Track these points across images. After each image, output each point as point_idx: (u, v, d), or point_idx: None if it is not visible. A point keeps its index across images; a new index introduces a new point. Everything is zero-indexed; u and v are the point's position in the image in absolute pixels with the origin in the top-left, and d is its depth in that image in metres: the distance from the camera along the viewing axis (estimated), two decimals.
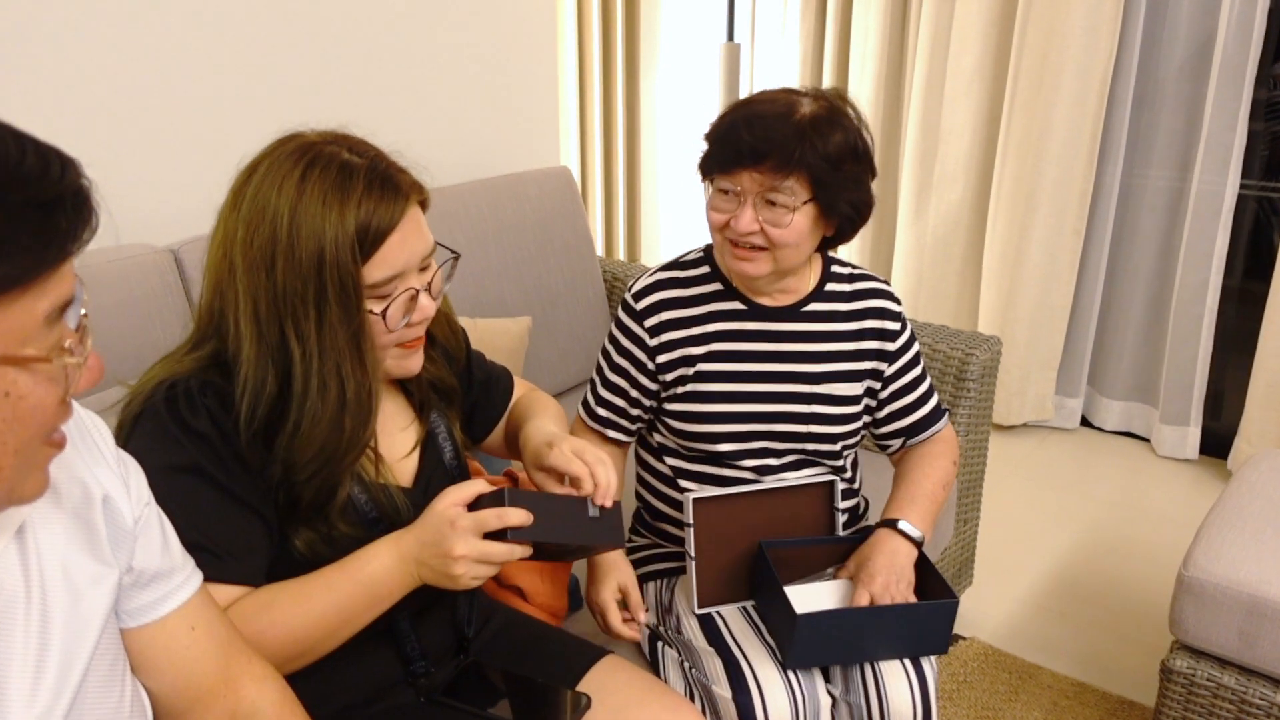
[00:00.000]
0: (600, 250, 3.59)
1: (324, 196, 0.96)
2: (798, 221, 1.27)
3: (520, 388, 1.37)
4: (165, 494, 0.95)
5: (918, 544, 1.35)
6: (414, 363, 1.09)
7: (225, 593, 0.98)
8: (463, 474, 1.21)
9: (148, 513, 0.82)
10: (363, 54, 2.07)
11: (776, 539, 1.36)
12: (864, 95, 3.15)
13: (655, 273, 1.45)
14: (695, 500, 1.33)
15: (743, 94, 3.18)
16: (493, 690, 1.18)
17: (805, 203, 1.27)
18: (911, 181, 3.12)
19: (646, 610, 1.46)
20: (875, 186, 1.35)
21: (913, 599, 1.31)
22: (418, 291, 1.04)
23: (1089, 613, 2.26)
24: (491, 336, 1.96)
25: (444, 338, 1.21)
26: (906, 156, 3.11)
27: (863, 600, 1.28)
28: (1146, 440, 3.09)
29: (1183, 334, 2.89)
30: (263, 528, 1.02)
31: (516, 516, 0.97)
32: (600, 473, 1.08)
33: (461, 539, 0.96)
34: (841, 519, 1.43)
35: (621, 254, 3.64)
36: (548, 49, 2.48)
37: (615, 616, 1.30)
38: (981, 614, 2.24)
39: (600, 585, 1.33)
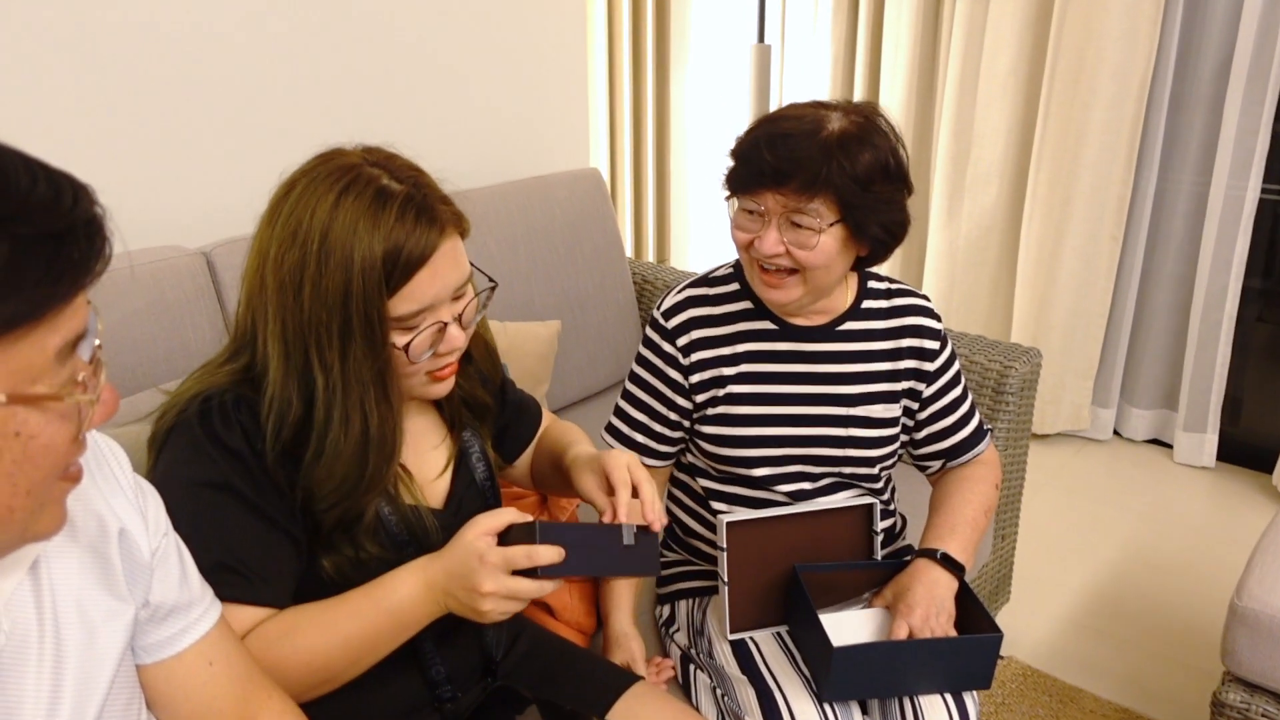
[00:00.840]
0: (629, 252, 3.56)
1: (356, 223, 0.92)
2: (825, 244, 1.20)
3: (546, 417, 1.35)
4: (195, 510, 0.93)
5: (959, 574, 1.30)
6: (441, 389, 1.05)
7: (250, 615, 0.95)
8: (495, 494, 1.18)
9: (165, 544, 0.79)
10: (391, 56, 2.04)
11: (811, 563, 1.32)
12: (895, 97, 3.10)
13: (684, 289, 1.40)
14: (729, 524, 1.29)
15: (773, 96, 3.15)
16: (520, 715, 1.15)
17: (833, 224, 1.20)
18: (944, 185, 3.06)
19: (678, 629, 1.42)
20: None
21: (953, 632, 1.27)
22: (446, 324, 1.00)
23: (1130, 632, 2.21)
24: (521, 341, 1.93)
25: (480, 359, 1.17)
26: (939, 159, 3.05)
27: (901, 633, 1.24)
28: (1170, 447, 3.03)
29: (1203, 339, 2.85)
30: (292, 548, 0.99)
31: (547, 555, 0.93)
32: (646, 492, 1.05)
33: (490, 575, 0.92)
34: (879, 540, 1.38)
35: (650, 255, 3.60)
36: (577, 49, 2.44)
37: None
38: (1020, 631, 2.18)
39: (609, 655, 1.32)
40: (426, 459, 1.12)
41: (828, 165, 1.16)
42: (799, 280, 1.25)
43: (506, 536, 0.96)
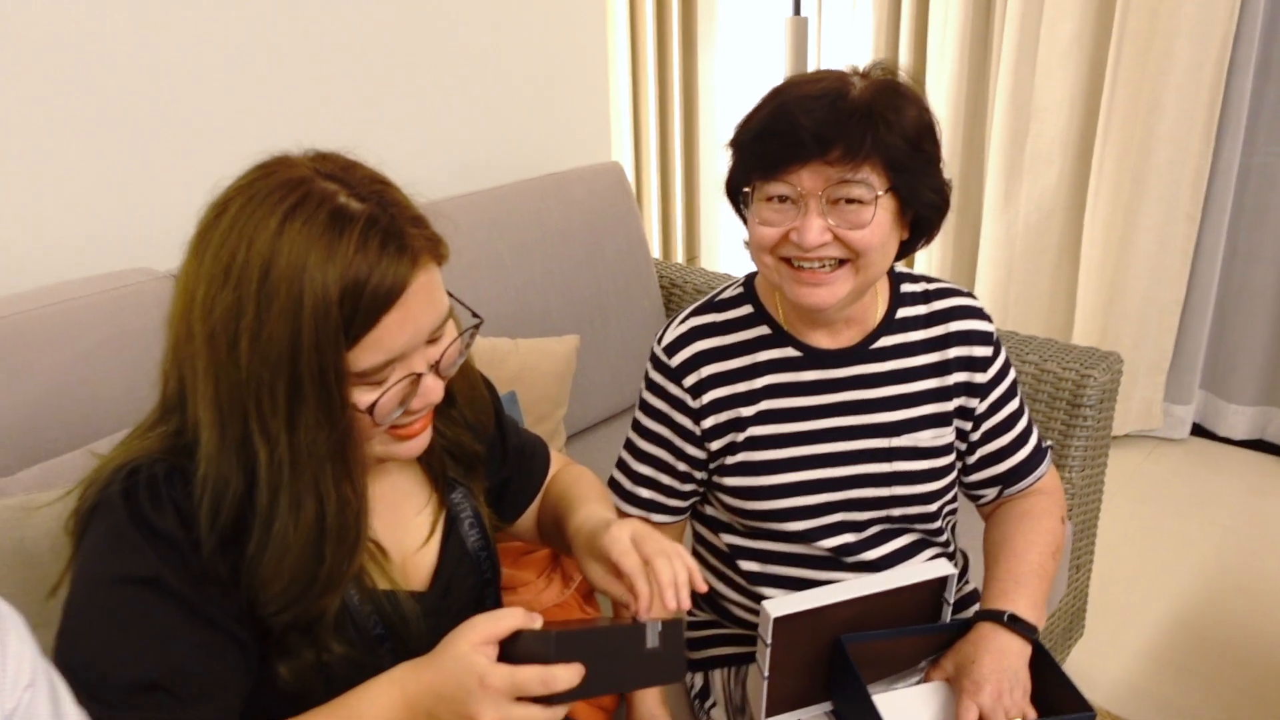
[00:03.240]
0: (656, 253, 3.34)
1: (305, 255, 0.73)
2: (880, 219, 1.02)
3: (555, 461, 1.15)
4: (117, 613, 0.76)
5: (1031, 637, 1.10)
6: (410, 448, 0.86)
7: None
8: (493, 568, 0.99)
9: (29, 698, 0.61)
10: (383, 40, 1.84)
11: (860, 631, 1.12)
12: (945, 70, 2.85)
13: (687, 318, 1.20)
14: (777, 620, 1.05)
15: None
16: None
17: (884, 194, 1.02)
18: (1000, 165, 2.81)
19: (714, 704, 1.23)
20: (959, 171, 1.13)
21: (1031, 712, 1.06)
22: (420, 375, 0.81)
23: (1220, 669, 1.97)
24: (536, 360, 1.74)
25: (466, 401, 0.97)
26: (994, 137, 2.80)
27: (970, 716, 1.04)
28: (1278, 451, 2.75)
29: None
30: (239, 654, 0.81)
31: (566, 678, 0.74)
32: (660, 567, 0.85)
33: (491, 703, 0.73)
34: (948, 609, 1.17)
35: (679, 256, 3.39)
36: (596, 32, 2.23)
37: None
38: (1095, 670, 1.96)
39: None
40: (407, 529, 0.93)
41: (874, 126, 0.99)
42: (849, 272, 1.05)
43: (512, 646, 0.77)
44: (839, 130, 0.99)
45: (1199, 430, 2.88)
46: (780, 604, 1.05)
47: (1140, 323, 2.71)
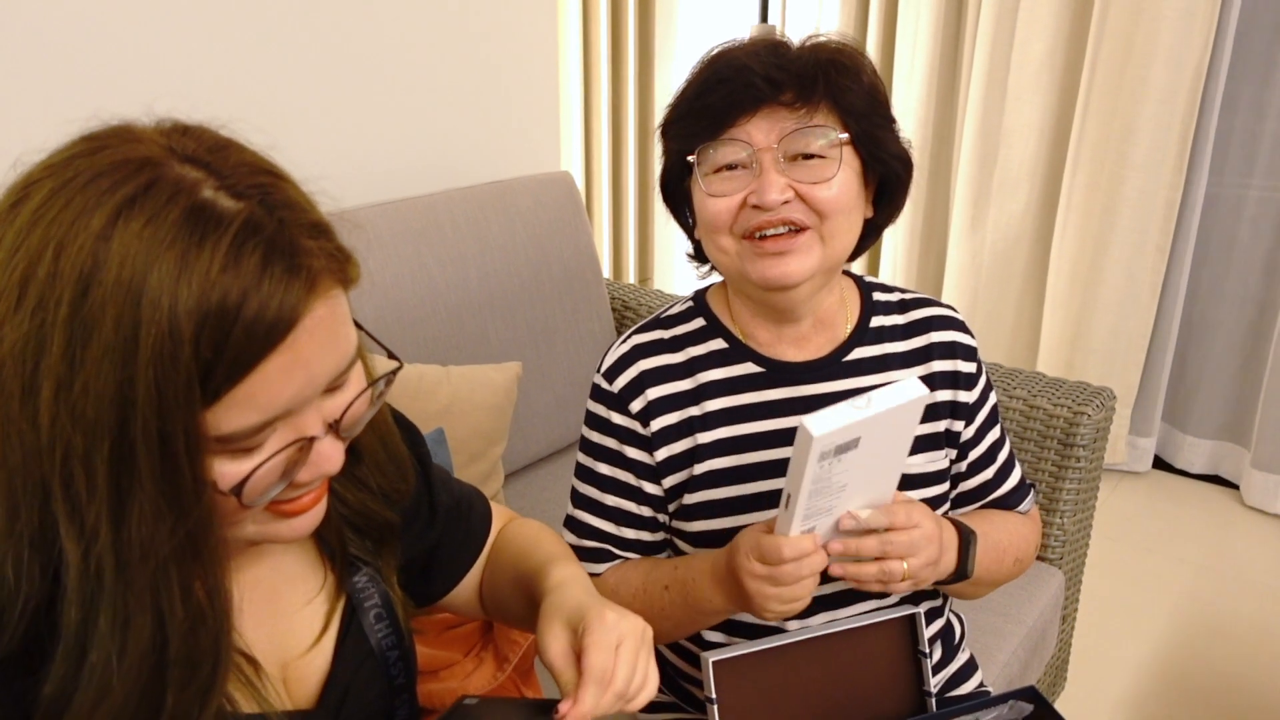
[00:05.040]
0: (607, 272, 3.15)
1: (146, 268, 0.50)
2: (845, 178, 0.92)
3: (499, 517, 0.94)
4: None
5: (964, 541, 0.95)
6: (298, 527, 0.64)
7: None
8: (407, 671, 0.77)
9: None
10: (311, 27, 1.63)
11: (838, 700, 0.94)
12: (913, 90, 2.73)
13: (628, 337, 1.04)
14: (716, 663, 0.91)
15: None
16: None
17: (848, 142, 0.92)
18: (967, 190, 2.69)
19: None
20: (924, 195, 1.01)
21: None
22: (312, 440, 0.59)
23: (1200, 714, 1.84)
24: (470, 391, 1.54)
25: (374, 457, 0.74)
26: (961, 160, 2.68)
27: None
28: (1234, 487, 2.67)
29: None
30: None
31: None
32: (621, 678, 0.67)
33: None
34: (930, 664, 1.01)
35: (632, 276, 3.20)
36: (547, 30, 2.05)
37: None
38: None
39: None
40: (290, 625, 0.71)
41: (824, 70, 0.91)
42: (814, 239, 0.92)
43: None
44: (788, 71, 0.90)
45: (1157, 461, 2.81)
46: (719, 651, 0.93)
47: (1107, 356, 2.61)
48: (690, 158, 0.94)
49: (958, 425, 1.03)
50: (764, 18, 2.44)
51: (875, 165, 0.95)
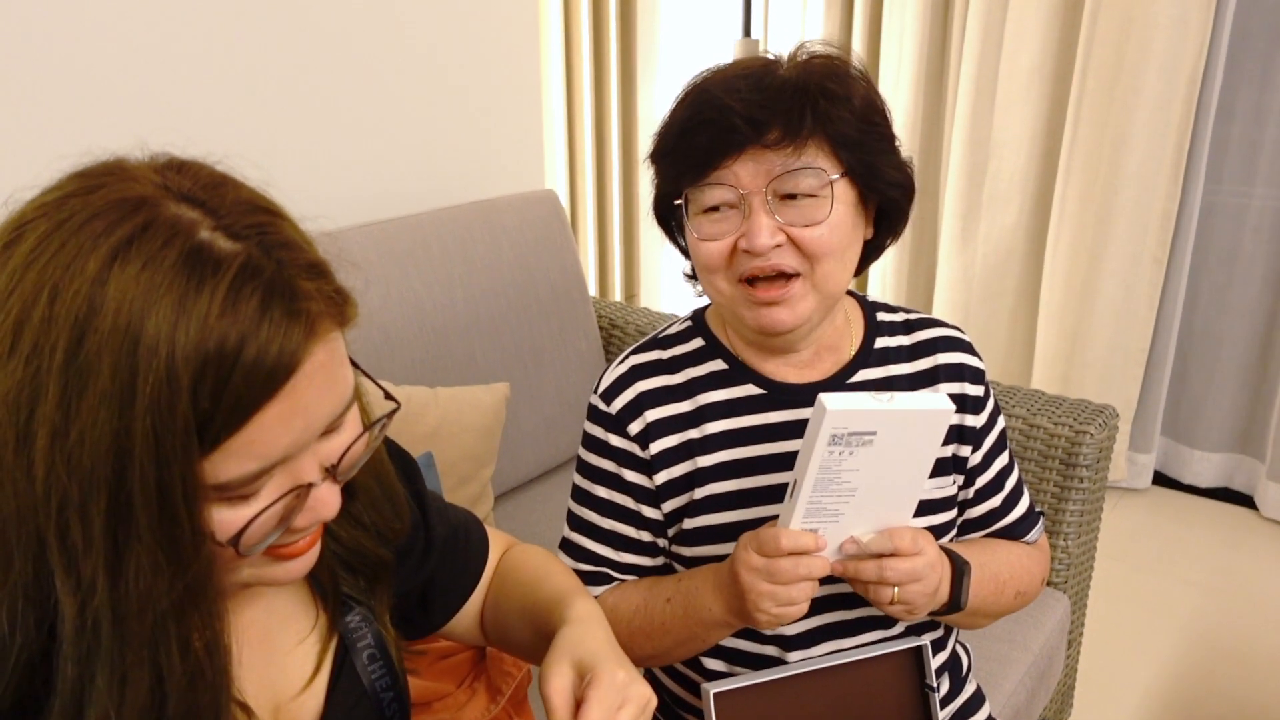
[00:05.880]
0: (593, 290, 3.10)
1: (142, 315, 0.49)
2: (839, 213, 0.87)
3: (498, 542, 0.91)
4: None
5: (958, 573, 0.90)
6: (289, 571, 0.61)
7: None
8: (402, 711, 0.75)
9: None
10: (299, 53, 1.59)
11: None
12: (899, 101, 2.70)
13: (627, 357, 1.01)
14: (717, 695, 0.88)
15: None
16: None
17: (840, 176, 0.87)
18: (957, 204, 2.66)
19: None
20: (914, 208, 0.96)
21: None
22: (310, 486, 0.57)
23: None
24: (458, 412, 1.49)
25: (369, 495, 0.71)
26: (951, 174, 2.66)
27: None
28: (1246, 499, 2.63)
29: None
30: None
31: None
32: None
33: None
34: (936, 698, 0.96)
35: (617, 294, 3.16)
36: (529, 48, 2.01)
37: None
38: None
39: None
40: (282, 667, 0.69)
41: (812, 99, 0.85)
42: (805, 286, 0.88)
43: None
44: (773, 108, 0.85)
45: (1158, 478, 2.76)
46: (721, 682, 0.89)
47: (1104, 371, 2.58)
48: (677, 201, 0.90)
49: (964, 450, 0.99)
50: (746, 32, 2.41)
51: (872, 193, 0.91)
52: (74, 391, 0.48)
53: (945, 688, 1.05)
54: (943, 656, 1.04)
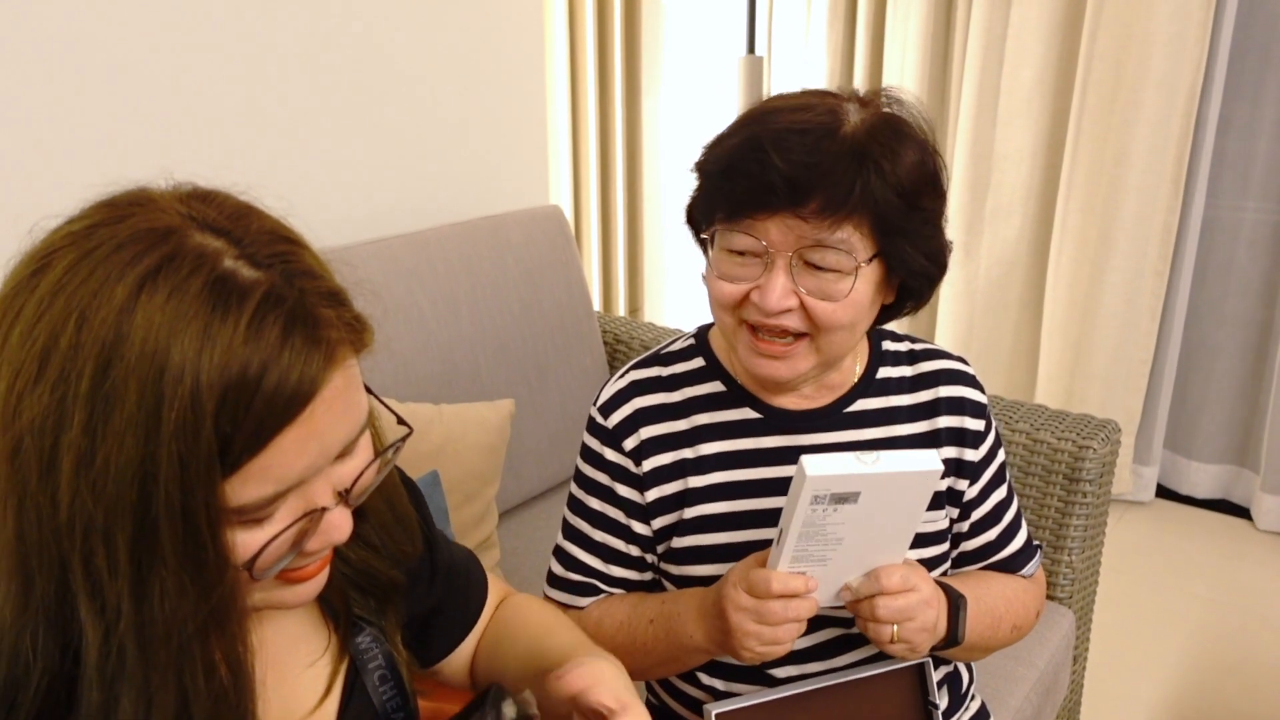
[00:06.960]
0: (597, 305, 3.11)
1: (168, 343, 0.50)
2: (859, 291, 0.85)
3: (496, 588, 0.91)
4: None
5: (954, 607, 0.90)
6: (299, 594, 0.62)
7: None
8: None
9: None
10: (302, 63, 1.60)
11: None
12: None
13: (626, 372, 1.01)
14: (719, 715, 0.89)
15: None
16: None
17: (869, 260, 0.84)
18: (960, 217, 2.67)
19: None
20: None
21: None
22: (323, 510, 0.58)
23: None
24: (463, 429, 1.50)
25: (380, 518, 0.72)
26: (953, 187, 2.67)
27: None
28: (1244, 511, 2.63)
29: None
30: None
31: None
32: None
33: None
34: (938, 714, 0.97)
35: (622, 309, 3.17)
36: (533, 64, 2.02)
37: None
38: None
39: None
40: (294, 687, 0.69)
41: (862, 172, 0.81)
42: (809, 348, 0.88)
43: None
44: (820, 177, 0.81)
45: (1165, 491, 2.77)
46: (723, 703, 0.90)
47: (1107, 383, 2.58)
48: (704, 235, 0.90)
49: (961, 484, 1.00)
50: (750, 48, 2.43)
51: (899, 273, 0.89)
52: (100, 418, 0.49)
53: (945, 702, 1.05)
54: (943, 670, 1.05)
